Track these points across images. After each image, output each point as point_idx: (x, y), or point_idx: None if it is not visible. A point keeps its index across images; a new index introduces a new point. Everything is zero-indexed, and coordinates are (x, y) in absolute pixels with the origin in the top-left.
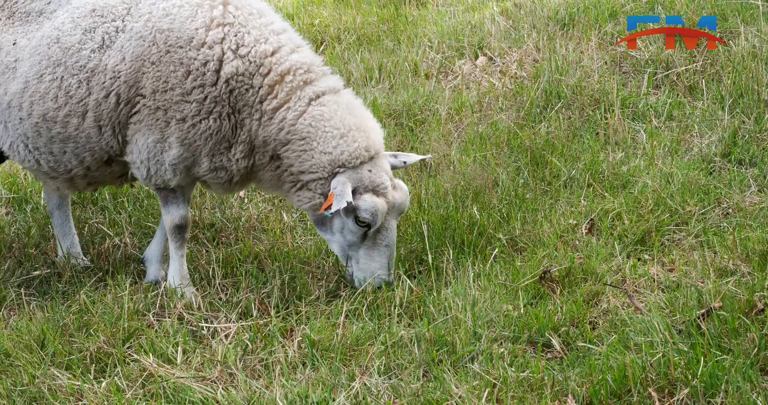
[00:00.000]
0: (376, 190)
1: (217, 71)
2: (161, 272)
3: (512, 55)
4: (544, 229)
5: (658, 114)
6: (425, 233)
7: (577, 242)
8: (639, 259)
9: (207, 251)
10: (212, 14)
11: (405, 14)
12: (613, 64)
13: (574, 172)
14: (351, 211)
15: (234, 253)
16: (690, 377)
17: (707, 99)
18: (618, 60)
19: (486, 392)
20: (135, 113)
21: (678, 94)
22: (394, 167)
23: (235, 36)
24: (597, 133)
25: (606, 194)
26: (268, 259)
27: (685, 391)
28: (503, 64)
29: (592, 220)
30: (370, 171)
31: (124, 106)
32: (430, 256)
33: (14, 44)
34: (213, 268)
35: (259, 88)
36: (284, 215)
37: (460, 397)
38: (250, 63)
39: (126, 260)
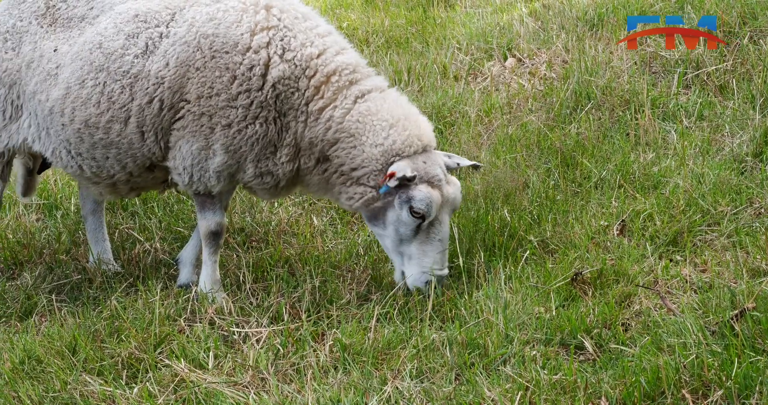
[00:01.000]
0: (431, 182)
1: (264, 76)
2: (194, 276)
3: (541, 56)
4: (575, 231)
5: (689, 114)
6: (456, 236)
7: (609, 244)
8: (671, 260)
9: (237, 256)
10: (256, 18)
11: (433, 16)
12: (642, 64)
13: (604, 173)
14: (406, 201)
15: (264, 257)
16: (724, 379)
17: (738, 98)
18: (648, 60)
19: (519, 395)
20: (179, 119)
21: (708, 94)
22: (447, 167)
23: (281, 40)
24: (627, 134)
25: (637, 195)
26: (299, 263)
27: (719, 392)
28: (532, 65)
29: (623, 221)
30: (424, 162)
31: (168, 111)
32: (461, 259)
33: (55, 50)
34: (243, 273)
35: (305, 90)
36: (314, 219)
37: (492, 401)
38: (296, 67)
39: (156, 265)
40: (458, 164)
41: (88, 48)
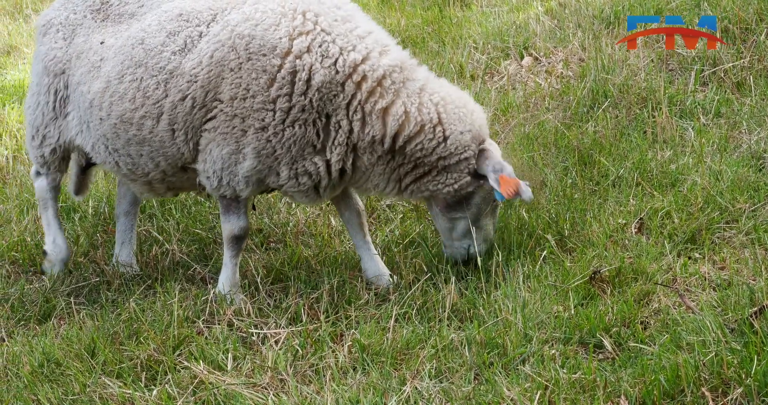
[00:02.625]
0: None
1: (308, 81)
2: None
3: (558, 54)
4: (593, 229)
5: (706, 111)
6: (474, 235)
7: (627, 242)
8: (689, 258)
9: (255, 257)
10: (294, 23)
11: (449, 16)
12: (659, 61)
13: (622, 171)
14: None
15: (282, 258)
16: (743, 376)
17: (755, 95)
18: (664, 58)
19: (538, 394)
20: (210, 119)
21: (725, 91)
22: None
23: (320, 46)
24: (645, 132)
25: (655, 193)
26: (317, 263)
27: (739, 390)
28: (549, 63)
29: (641, 219)
30: None
31: (199, 110)
32: (479, 258)
33: (102, 43)
34: (261, 274)
35: (356, 92)
36: (332, 220)
37: (512, 400)
38: (337, 72)
39: (174, 267)
40: None
41: (130, 43)
